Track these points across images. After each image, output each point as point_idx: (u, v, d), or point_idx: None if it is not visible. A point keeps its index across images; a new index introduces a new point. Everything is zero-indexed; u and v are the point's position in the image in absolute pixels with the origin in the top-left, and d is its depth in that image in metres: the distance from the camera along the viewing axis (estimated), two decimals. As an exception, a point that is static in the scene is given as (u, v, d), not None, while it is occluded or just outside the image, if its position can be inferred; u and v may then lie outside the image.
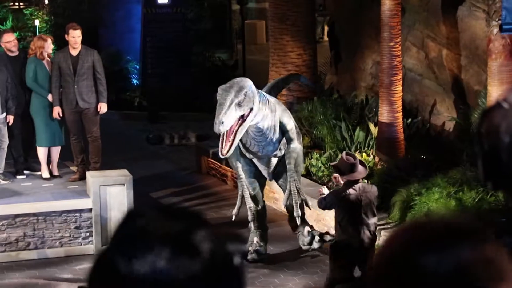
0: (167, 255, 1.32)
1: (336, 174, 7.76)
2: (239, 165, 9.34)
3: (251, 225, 9.46)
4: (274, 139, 9.13)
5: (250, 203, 9.33)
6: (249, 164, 9.50)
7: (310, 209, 9.33)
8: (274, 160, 9.44)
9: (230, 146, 8.53)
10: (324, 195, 7.70)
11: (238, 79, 8.88)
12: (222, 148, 8.60)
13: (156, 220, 1.38)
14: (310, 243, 9.53)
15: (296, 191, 9.05)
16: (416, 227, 1.48)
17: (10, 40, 10.81)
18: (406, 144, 10.76)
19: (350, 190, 7.50)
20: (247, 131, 8.85)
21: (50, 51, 10.60)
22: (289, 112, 9.38)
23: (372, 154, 11.16)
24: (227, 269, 1.36)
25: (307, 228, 9.53)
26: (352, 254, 7.50)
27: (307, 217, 9.57)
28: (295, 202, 9.08)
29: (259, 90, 9.03)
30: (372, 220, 7.58)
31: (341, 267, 7.56)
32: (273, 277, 9.04)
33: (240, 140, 8.95)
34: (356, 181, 7.59)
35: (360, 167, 7.64)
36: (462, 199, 9.17)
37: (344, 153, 7.88)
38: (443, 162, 10.00)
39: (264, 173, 9.59)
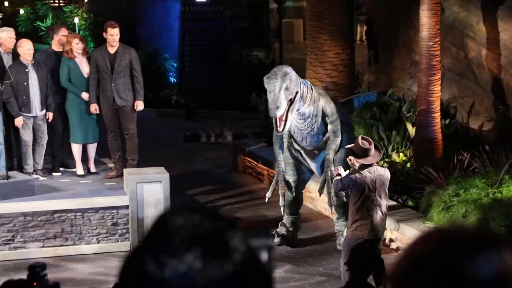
0: (198, 256, 1.32)
1: (351, 157, 8.05)
2: (280, 151, 9.63)
3: (286, 210, 9.85)
4: (316, 129, 9.36)
5: (282, 189, 9.63)
6: (296, 158, 9.77)
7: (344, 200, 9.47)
8: (322, 154, 9.57)
9: (285, 124, 8.96)
10: (341, 177, 7.98)
11: (279, 66, 9.35)
12: (278, 126, 9.00)
13: (188, 220, 1.38)
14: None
15: (330, 180, 9.19)
16: (451, 230, 1.47)
17: (66, 35, 10.96)
18: (444, 145, 10.67)
19: (365, 173, 7.82)
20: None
21: (79, 50, 10.66)
22: (334, 105, 9.47)
23: (409, 154, 11.09)
24: (257, 267, 1.36)
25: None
26: (368, 259, 7.73)
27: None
28: (329, 192, 9.28)
29: (301, 79, 9.39)
30: (384, 202, 7.91)
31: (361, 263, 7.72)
32: (306, 279, 9.01)
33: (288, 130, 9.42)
34: (371, 164, 7.88)
35: (374, 152, 7.93)
36: (501, 200, 9.07)
37: (359, 137, 8.15)
38: (482, 163, 9.90)
39: (312, 166, 9.79)
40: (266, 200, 9.88)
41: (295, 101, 8.99)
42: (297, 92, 8.98)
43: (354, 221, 7.84)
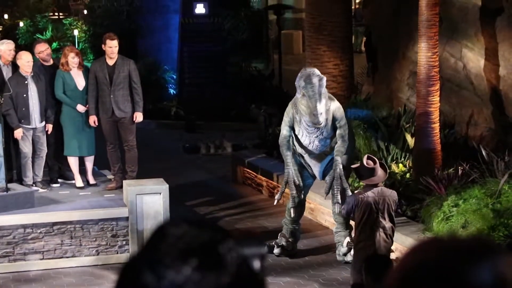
0: (195, 268, 1.33)
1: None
2: (288, 153, 9.56)
3: (286, 219, 9.83)
4: (325, 133, 9.37)
5: (293, 191, 9.56)
6: (299, 163, 9.77)
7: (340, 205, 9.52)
8: (327, 159, 9.57)
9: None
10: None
11: (309, 70, 9.26)
12: (318, 120, 9.02)
13: (185, 232, 1.38)
14: (345, 255, 9.55)
15: (339, 178, 9.23)
16: (447, 239, 1.47)
17: (42, 50, 10.94)
18: (443, 155, 10.68)
19: (369, 193, 7.64)
20: (300, 120, 9.28)
21: (74, 64, 10.67)
22: (343, 110, 9.53)
23: (408, 164, 11.09)
24: (251, 277, 1.37)
25: (347, 239, 9.58)
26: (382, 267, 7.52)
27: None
28: (337, 188, 9.26)
29: None
30: (389, 224, 7.68)
31: (375, 280, 7.55)
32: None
33: (293, 131, 9.47)
34: (375, 185, 7.70)
35: (380, 172, 7.75)
36: (500, 210, 9.06)
37: (365, 156, 7.98)
38: (481, 173, 9.91)
39: (315, 170, 9.77)
40: (275, 203, 9.85)
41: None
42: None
43: (358, 242, 7.69)
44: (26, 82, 10.37)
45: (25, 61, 10.35)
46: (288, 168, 9.55)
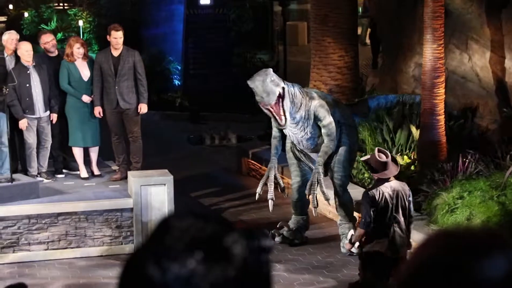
0: (200, 261, 1.32)
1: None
2: (273, 152, 9.80)
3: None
4: (310, 133, 9.41)
5: (271, 182, 9.66)
6: (298, 158, 9.89)
7: (329, 204, 9.69)
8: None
9: (285, 117, 9.05)
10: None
11: (261, 70, 9.32)
12: (279, 120, 9.08)
13: (190, 225, 1.38)
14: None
15: (316, 183, 9.29)
16: (457, 232, 1.47)
17: (48, 41, 10.93)
18: (448, 147, 10.66)
19: (382, 188, 7.51)
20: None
21: (80, 55, 10.67)
22: (327, 108, 9.43)
23: (413, 156, 11.08)
24: (257, 270, 1.37)
25: (351, 232, 9.57)
26: (383, 264, 7.45)
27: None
28: (313, 193, 9.36)
29: (290, 83, 9.43)
30: (403, 219, 7.55)
31: (376, 276, 7.50)
32: (311, 282, 9.01)
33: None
34: (388, 179, 7.59)
35: (391, 165, 7.63)
36: (505, 203, 9.05)
37: (376, 149, 7.84)
38: (486, 165, 9.89)
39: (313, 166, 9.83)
40: (257, 197, 9.90)
41: (286, 95, 9.02)
42: (283, 88, 9.01)
43: (372, 239, 7.56)
44: (28, 72, 10.37)
45: (24, 50, 10.35)
46: (271, 163, 9.73)
